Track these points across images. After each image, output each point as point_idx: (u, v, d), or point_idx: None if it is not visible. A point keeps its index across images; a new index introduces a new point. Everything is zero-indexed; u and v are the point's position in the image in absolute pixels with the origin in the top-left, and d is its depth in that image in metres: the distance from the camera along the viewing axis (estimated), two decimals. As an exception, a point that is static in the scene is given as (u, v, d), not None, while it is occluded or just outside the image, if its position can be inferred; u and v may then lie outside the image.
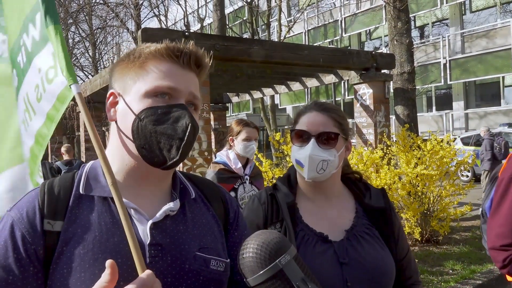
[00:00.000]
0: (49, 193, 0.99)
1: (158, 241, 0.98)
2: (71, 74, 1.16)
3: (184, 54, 1.03)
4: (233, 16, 27.72)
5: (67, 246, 0.94)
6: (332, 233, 1.42)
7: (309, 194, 1.52)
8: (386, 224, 1.48)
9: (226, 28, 17.66)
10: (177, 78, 1.02)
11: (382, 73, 7.52)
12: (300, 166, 1.44)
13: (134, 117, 1.00)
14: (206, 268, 1.01)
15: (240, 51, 5.94)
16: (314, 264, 1.32)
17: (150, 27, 5.75)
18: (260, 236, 0.99)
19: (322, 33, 26.16)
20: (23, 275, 0.90)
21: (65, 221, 0.96)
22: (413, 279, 1.55)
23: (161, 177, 1.07)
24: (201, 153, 5.48)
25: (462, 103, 19.73)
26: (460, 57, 19.26)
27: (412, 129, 7.75)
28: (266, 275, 0.94)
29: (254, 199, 1.51)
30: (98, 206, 1.00)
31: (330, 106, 1.52)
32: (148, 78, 1.01)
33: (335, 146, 1.44)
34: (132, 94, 1.02)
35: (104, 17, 19.28)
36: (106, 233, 0.96)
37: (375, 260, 1.38)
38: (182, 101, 1.02)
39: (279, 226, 1.41)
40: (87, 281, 0.90)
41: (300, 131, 1.46)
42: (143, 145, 0.99)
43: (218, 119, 11.43)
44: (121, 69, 1.06)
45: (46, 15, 1.23)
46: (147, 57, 1.03)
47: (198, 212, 1.10)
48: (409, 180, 5.78)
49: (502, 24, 18.03)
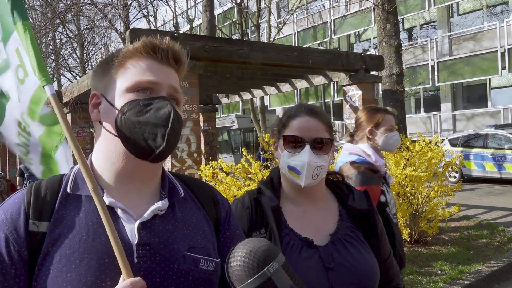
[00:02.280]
0: (36, 194, 0.98)
1: (146, 241, 0.98)
2: (43, 75, 1.10)
3: (162, 50, 1.05)
4: (222, 17, 27.71)
5: (53, 247, 0.93)
6: (317, 238, 1.40)
7: (293, 197, 1.50)
8: (369, 226, 1.47)
9: (216, 29, 17.64)
10: (156, 73, 1.03)
11: (371, 74, 7.56)
12: (295, 173, 1.42)
13: (117, 112, 1.00)
14: (195, 267, 1.01)
15: (230, 52, 5.92)
16: (300, 270, 1.29)
17: (139, 28, 5.71)
18: (248, 244, 0.97)
19: (312, 35, 26.27)
20: (4, 277, 0.90)
21: (51, 222, 0.96)
22: (395, 281, 1.54)
23: (149, 174, 1.06)
24: (190, 154, 5.44)
25: (449, 104, 19.95)
26: (448, 59, 19.47)
27: (401, 130, 7.80)
28: (255, 284, 0.93)
29: (237, 203, 1.48)
30: (85, 206, 0.99)
31: (319, 109, 1.50)
32: (128, 75, 1.03)
33: (328, 152, 1.44)
34: (113, 92, 1.03)
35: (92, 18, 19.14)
36: (93, 233, 0.95)
37: (360, 264, 1.37)
38: (164, 94, 1.03)
39: (264, 231, 1.39)
40: (74, 281, 0.89)
41: (294, 136, 1.44)
42: (127, 138, 0.99)
43: (208, 120, 11.42)
44: (101, 70, 1.08)
45: (13, 11, 1.16)
46: (126, 56, 1.05)
47: (188, 211, 1.10)
48: (398, 181, 5.81)
49: (489, 27, 18.27)
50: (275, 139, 1.57)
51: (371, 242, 1.45)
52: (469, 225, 7.46)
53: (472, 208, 8.94)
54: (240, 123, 22.31)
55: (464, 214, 8.34)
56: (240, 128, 22.45)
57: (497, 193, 10.92)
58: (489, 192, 11.12)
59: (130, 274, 0.90)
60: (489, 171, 12.56)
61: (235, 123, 22.32)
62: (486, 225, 7.35)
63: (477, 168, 12.86)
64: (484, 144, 12.77)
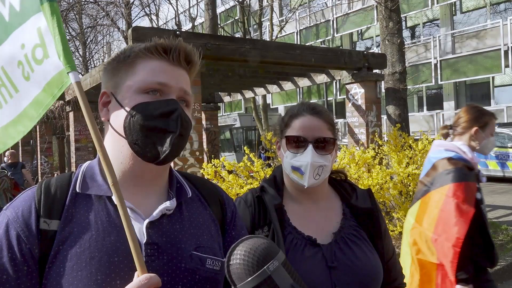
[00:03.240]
0: (46, 192, 0.99)
1: (154, 240, 0.98)
2: (69, 61, 1.05)
3: (174, 51, 1.04)
4: (225, 16, 27.69)
5: (64, 245, 0.93)
6: (320, 236, 1.40)
7: (296, 196, 1.49)
8: (373, 225, 1.47)
9: (218, 28, 17.63)
10: (167, 74, 1.03)
11: (373, 73, 7.53)
12: (298, 173, 1.41)
13: (126, 114, 1.00)
14: (202, 267, 1.02)
15: (232, 50, 5.91)
16: (303, 269, 1.29)
17: (141, 26, 5.71)
18: (247, 242, 0.97)
19: (314, 33, 26.22)
20: (17, 275, 0.90)
21: (61, 220, 0.97)
22: (398, 281, 1.54)
23: (156, 175, 1.07)
24: (192, 153, 5.44)
25: (452, 103, 19.88)
26: (451, 57, 19.40)
27: (404, 128, 7.77)
28: (254, 282, 0.92)
29: (240, 201, 1.47)
30: (95, 205, 1.00)
31: (322, 108, 1.49)
32: (138, 75, 1.02)
33: (331, 151, 1.42)
34: (123, 92, 1.03)
35: (94, 16, 19.15)
36: (103, 232, 0.96)
37: (363, 263, 1.37)
38: (173, 97, 1.03)
39: (267, 230, 1.38)
40: (84, 279, 0.90)
41: (296, 137, 1.42)
42: (135, 141, 0.99)
43: (210, 118, 11.41)
44: (112, 69, 1.07)
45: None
46: (137, 55, 1.04)
47: (195, 211, 1.10)
48: (401, 180, 5.79)
49: (492, 24, 18.19)
50: (277, 139, 1.56)
51: (375, 241, 1.45)
52: (472, 223, 7.42)
53: (475, 207, 8.89)
54: (243, 121, 22.29)
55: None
56: (243, 127, 22.44)
57: (500, 192, 10.89)
58: (492, 191, 11.08)
59: (145, 271, 0.90)
60: (492, 169, 12.52)
61: (238, 121, 22.30)
62: (489, 224, 7.32)
63: (480, 167, 12.78)
64: (487, 143, 12.72)
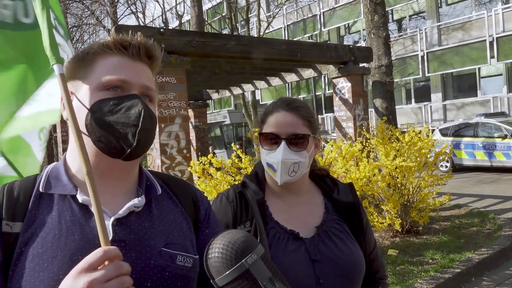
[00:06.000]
0: (8, 195, 0.98)
1: (121, 238, 0.97)
2: (54, 53, 1.08)
3: (133, 46, 1.03)
4: (212, 12, 27.55)
5: (26, 247, 0.92)
6: (303, 230, 1.40)
7: (278, 191, 1.49)
8: (355, 219, 1.48)
9: (205, 25, 17.54)
10: (127, 70, 1.02)
11: (360, 66, 7.56)
12: (272, 170, 1.41)
13: (87, 112, 0.99)
14: (172, 263, 1.00)
15: (217, 47, 5.89)
16: (286, 262, 1.30)
17: (124, 24, 5.66)
18: (226, 235, 0.97)
19: (301, 28, 26.22)
20: None
21: (24, 222, 0.95)
22: (380, 273, 1.55)
23: (124, 172, 1.06)
24: (179, 151, 5.42)
25: (440, 94, 20.05)
26: (437, 50, 19.54)
27: (391, 121, 7.83)
28: (232, 275, 0.92)
29: (222, 197, 1.46)
30: (58, 204, 0.99)
31: (298, 103, 1.47)
32: (98, 72, 1.01)
33: (306, 147, 1.41)
34: (83, 90, 1.02)
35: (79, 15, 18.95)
36: (66, 231, 0.95)
37: (346, 256, 1.38)
38: (135, 92, 1.02)
39: (249, 225, 1.38)
40: (46, 280, 0.88)
41: (269, 133, 1.41)
42: (99, 138, 0.98)
43: (199, 116, 11.37)
44: (72, 68, 1.06)
45: None
46: (96, 52, 1.03)
47: (165, 209, 1.09)
48: (389, 172, 5.83)
49: (477, 16, 18.35)
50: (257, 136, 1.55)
51: (357, 234, 1.45)
52: (460, 213, 7.52)
53: (463, 197, 9.01)
54: (232, 118, 22.26)
55: (456, 203, 8.41)
56: (233, 123, 22.40)
57: (488, 181, 11.03)
58: (480, 181, 11.23)
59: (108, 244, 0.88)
60: (479, 159, 12.67)
61: (227, 118, 22.26)
62: (477, 213, 7.42)
63: (468, 157, 12.96)
64: (475, 133, 12.87)
